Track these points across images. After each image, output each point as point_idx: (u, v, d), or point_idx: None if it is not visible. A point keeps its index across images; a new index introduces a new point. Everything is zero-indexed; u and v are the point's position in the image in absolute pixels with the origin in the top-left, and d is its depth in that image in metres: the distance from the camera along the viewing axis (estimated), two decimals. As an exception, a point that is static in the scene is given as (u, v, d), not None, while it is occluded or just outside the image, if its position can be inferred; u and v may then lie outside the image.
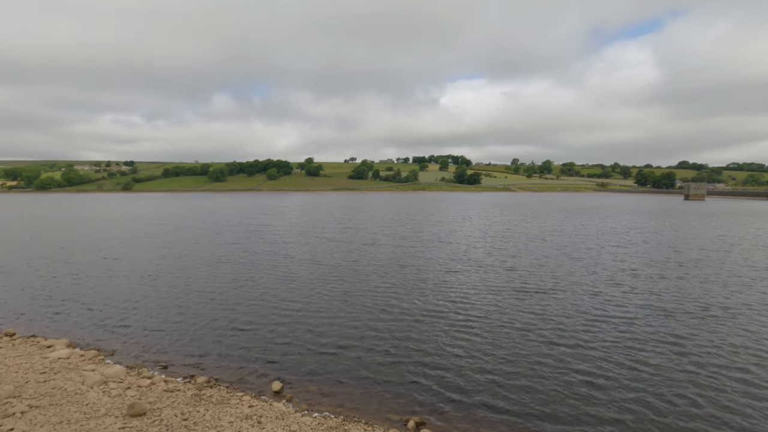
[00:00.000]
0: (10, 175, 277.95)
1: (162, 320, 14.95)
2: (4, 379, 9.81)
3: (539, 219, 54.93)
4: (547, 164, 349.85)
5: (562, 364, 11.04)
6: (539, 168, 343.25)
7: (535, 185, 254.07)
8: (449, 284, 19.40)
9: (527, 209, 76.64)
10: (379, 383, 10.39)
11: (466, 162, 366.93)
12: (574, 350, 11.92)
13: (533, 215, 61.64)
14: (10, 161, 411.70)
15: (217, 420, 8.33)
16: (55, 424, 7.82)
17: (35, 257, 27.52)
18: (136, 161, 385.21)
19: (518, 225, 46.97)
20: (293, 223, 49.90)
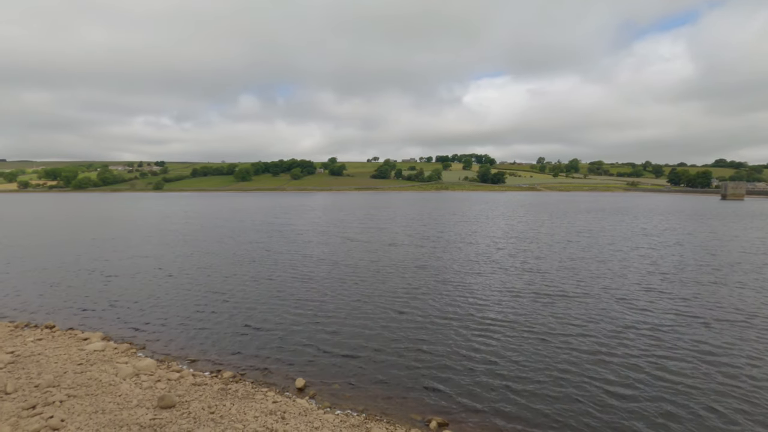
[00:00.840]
0: (51, 175, 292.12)
1: (189, 316, 15.42)
2: (45, 369, 10.34)
3: (565, 219, 53.61)
4: (575, 163, 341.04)
5: (585, 373, 10.68)
6: (566, 167, 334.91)
7: (561, 184, 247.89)
8: (470, 286, 19.10)
9: (553, 209, 74.90)
10: (401, 383, 10.40)
11: (490, 161, 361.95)
12: (598, 358, 11.50)
13: (559, 215, 60.20)
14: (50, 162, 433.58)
15: (242, 414, 8.53)
16: (91, 414, 8.18)
17: (73, 255, 28.87)
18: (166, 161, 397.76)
19: (543, 226, 45.97)
20: (315, 223, 50.46)
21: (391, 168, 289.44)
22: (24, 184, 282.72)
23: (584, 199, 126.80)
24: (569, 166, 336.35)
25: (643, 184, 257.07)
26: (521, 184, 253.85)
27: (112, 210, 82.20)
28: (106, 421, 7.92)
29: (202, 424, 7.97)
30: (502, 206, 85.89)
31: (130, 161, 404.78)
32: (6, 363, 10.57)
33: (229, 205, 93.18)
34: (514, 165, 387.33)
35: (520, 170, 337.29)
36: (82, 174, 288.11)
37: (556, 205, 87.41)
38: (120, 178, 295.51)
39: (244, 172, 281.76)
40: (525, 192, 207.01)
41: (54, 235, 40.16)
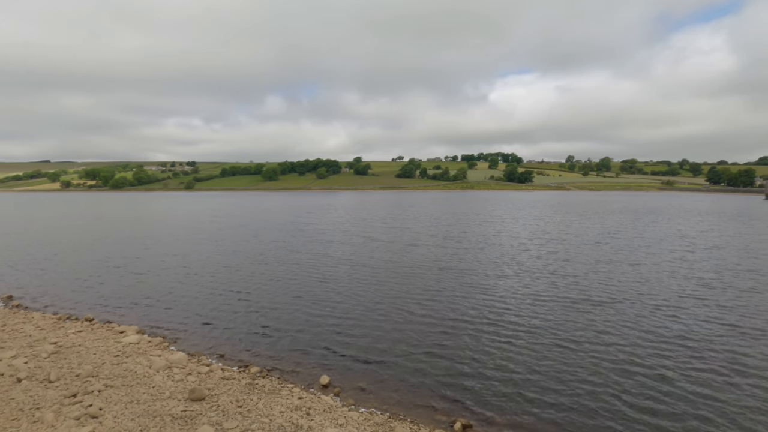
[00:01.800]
0: (90, 175, 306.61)
1: (217, 313, 15.87)
2: (85, 359, 10.87)
3: (595, 220, 51.98)
4: (606, 161, 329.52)
5: (612, 383, 10.16)
6: (597, 165, 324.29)
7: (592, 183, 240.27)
8: (494, 289, 18.59)
9: (582, 209, 72.71)
10: (425, 384, 10.37)
11: (517, 160, 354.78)
12: (625, 368, 10.92)
13: (588, 216, 58.36)
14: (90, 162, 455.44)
15: (269, 409, 8.71)
16: (127, 404, 8.55)
17: (109, 252, 30.22)
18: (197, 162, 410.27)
19: (571, 226, 44.68)
20: (338, 222, 50.88)
21: (415, 167, 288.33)
22: (66, 183, 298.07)
23: (616, 198, 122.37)
24: (600, 164, 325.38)
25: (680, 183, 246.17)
26: (549, 183, 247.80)
27: (146, 209, 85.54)
28: (140, 411, 8.25)
29: (231, 417, 8.19)
30: (529, 206, 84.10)
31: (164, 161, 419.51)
32: (50, 353, 11.18)
33: (255, 205, 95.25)
34: (542, 164, 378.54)
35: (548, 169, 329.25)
36: (119, 174, 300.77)
37: (586, 205, 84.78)
38: (154, 178, 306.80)
39: (271, 171, 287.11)
40: (553, 191, 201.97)
41: (93, 233, 42.14)
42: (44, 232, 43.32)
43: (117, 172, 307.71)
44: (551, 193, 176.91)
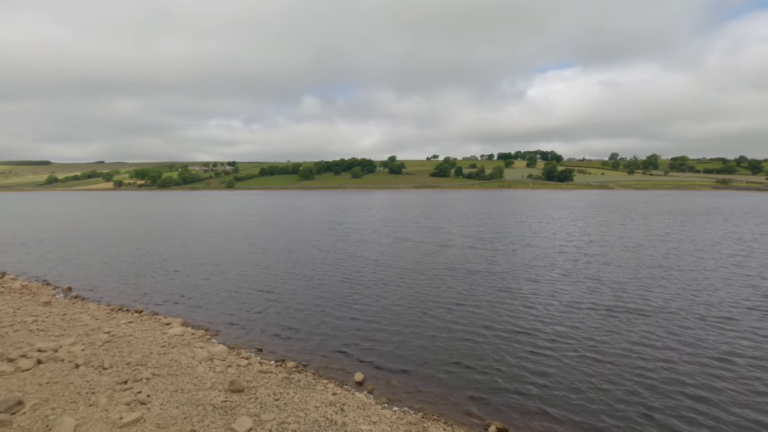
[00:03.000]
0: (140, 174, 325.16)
1: (255, 308, 16.41)
2: (135, 348, 11.54)
3: (640, 221, 49.38)
4: (653, 159, 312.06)
5: (646, 399, 9.53)
6: (643, 163, 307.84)
7: (637, 182, 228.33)
8: (527, 294, 17.83)
9: (626, 210, 69.24)
10: (459, 386, 10.26)
11: (557, 157, 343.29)
12: (663, 385, 10.24)
13: (634, 217, 55.51)
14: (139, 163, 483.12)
15: (304, 403, 8.91)
16: (172, 392, 9.00)
17: (157, 248, 31.92)
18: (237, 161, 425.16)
19: (614, 228, 42.58)
20: (369, 222, 51.15)
21: (450, 166, 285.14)
22: (118, 183, 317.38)
23: (665, 198, 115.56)
24: (647, 162, 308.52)
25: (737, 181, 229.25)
26: (591, 182, 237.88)
27: (189, 207, 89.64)
28: (184, 399, 8.66)
29: (268, 410, 8.44)
30: (568, 206, 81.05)
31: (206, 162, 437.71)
32: (104, 342, 11.95)
33: (291, 204, 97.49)
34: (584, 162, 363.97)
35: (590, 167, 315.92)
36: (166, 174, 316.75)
37: (631, 206, 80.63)
38: (197, 177, 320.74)
39: (307, 171, 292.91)
40: (595, 190, 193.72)
41: (141, 230, 44.66)
42: (99, 229, 46.36)
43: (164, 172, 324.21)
44: (593, 193, 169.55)
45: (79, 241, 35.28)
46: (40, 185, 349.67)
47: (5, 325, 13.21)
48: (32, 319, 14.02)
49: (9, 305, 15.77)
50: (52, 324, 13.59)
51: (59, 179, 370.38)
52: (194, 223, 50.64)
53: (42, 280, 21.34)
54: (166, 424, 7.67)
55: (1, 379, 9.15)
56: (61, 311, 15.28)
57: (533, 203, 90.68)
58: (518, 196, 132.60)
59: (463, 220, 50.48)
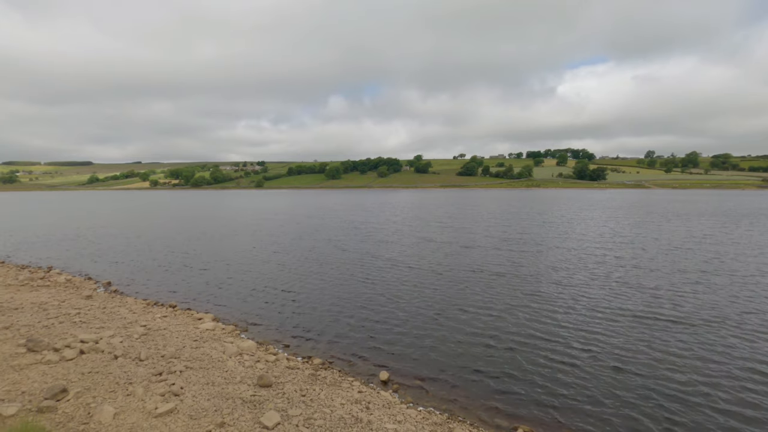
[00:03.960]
0: (174, 174, 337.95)
1: (284, 305, 16.72)
2: (169, 342, 11.98)
3: (678, 223, 47.12)
4: (693, 156, 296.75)
5: (683, 416, 8.97)
6: (681, 161, 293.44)
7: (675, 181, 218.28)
8: (552, 298, 17.24)
9: (663, 210, 66.25)
10: (485, 388, 10.13)
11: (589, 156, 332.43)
12: (696, 401, 9.78)
13: (670, 218, 53.03)
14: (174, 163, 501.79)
15: (330, 400, 9.01)
16: (203, 385, 9.29)
17: (189, 246, 33.06)
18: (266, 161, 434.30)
19: (649, 229, 40.78)
20: (393, 221, 51.11)
21: (477, 165, 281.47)
22: (154, 182, 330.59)
23: (706, 198, 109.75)
24: (686, 160, 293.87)
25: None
26: (625, 180, 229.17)
27: (220, 206, 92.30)
28: (215, 392, 8.93)
29: (295, 405, 8.59)
30: (600, 205, 78.37)
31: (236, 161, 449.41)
32: (140, 335, 12.48)
33: (317, 203, 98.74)
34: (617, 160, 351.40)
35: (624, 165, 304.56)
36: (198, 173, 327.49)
37: (668, 206, 77.15)
38: (228, 177, 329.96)
39: (334, 170, 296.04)
40: (630, 189, 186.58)
41: (175, 228, 46.34)
42: (136, 227, 48.46)
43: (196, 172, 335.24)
44: (627, 192, 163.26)
45: (118, 238, 36.98)
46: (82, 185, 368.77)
47: (51, 317, 14.00)
48: (75, 311, 14.80)
49: (55, 298, 16.71)
50: (93, 317, 14.30)
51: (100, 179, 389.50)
52: (224, 222, 52.15)
53: (84, 274, 22.49)
54: (198, 415, 7.93)
55: (48, 368, 9.71)
56: (101, 304, 16.06)
57: (563, 203, 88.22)
58: (547, 196, 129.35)
59: (489, 221, 49.67)
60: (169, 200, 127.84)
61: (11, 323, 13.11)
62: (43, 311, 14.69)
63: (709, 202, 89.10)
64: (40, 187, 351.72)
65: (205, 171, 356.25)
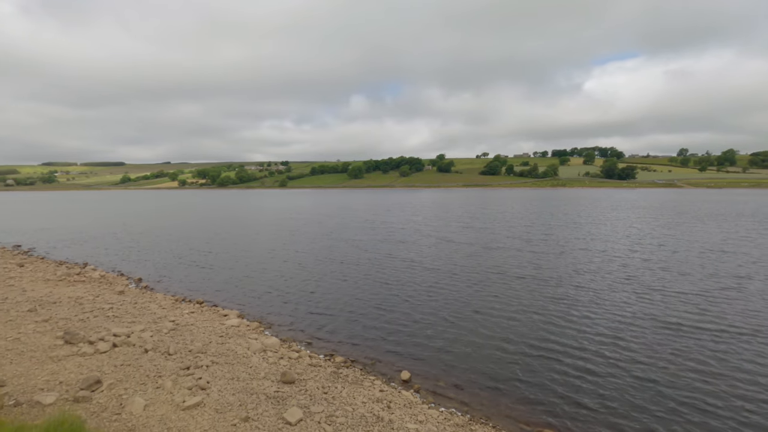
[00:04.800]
0: (201, 174, 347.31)
1: (306, 304, 16.95)
2: (196, 337, 12.33)
3: (713, 224, 45.10)
4: (729, 154, 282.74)
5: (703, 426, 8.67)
6: (717, 159, 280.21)
7: (711, 180, 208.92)
8: (576, 303, 16.86)
9: (696, 210, 63.48)
10: (507, 391, 9.98)
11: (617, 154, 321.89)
12: (733, 415, 9.36)
13: (704, 219, 50.80)
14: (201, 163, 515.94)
15: (351, 398, 9.08)
16: (229, 380, 9.52)
17: (214, 245, 33.89)
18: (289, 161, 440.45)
19: (680, 231, 39.14)
20: (414, 221, 50.90)
21: (501, 164, 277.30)
22: (182, 182, 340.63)
23: (744, 198, 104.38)
24: (722, 158, 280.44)
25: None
26: (656, 179, 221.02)
27: (245, 206, 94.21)
28: (240, 387, 9.14)
29: (317, 402, 8.69)
30: (628, 205, 75.86)
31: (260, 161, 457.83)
32: (169, 329, 12.88)
33: (339, 202, 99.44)
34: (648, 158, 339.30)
35: (655, 164, 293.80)
36: (224, 173, 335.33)
37: (702, 206, 73.91)
38: (253, 177, 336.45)
39: (356, 170, 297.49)
40: (661, 189, 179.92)
41: (202, 227, 47.62)
42: (165, 226, 50.04)
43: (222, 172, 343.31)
44: (658, 191, 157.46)
45: (149, 237, 38.31)
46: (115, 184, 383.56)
47: (87, 311, 14.64)
48: (109, 306, 15.42)
49: (90, 293, 17.45)
50: (125, 311, 14.86)
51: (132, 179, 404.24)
52: (248, 222, 53.25)
53: (117, 271, 23.39)
54: (224, 409, 8.13)
55: (83, 359, 10.16)
56: (132, 300, 16.67)
57: (589, 203, 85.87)
58: (573, 195, 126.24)
59: (512, 221, 48.87)
60: (196, 200, 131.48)
61: (50, 316, 13.78)
62: (79, 305, 15.37)
63: (747, 202, 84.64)
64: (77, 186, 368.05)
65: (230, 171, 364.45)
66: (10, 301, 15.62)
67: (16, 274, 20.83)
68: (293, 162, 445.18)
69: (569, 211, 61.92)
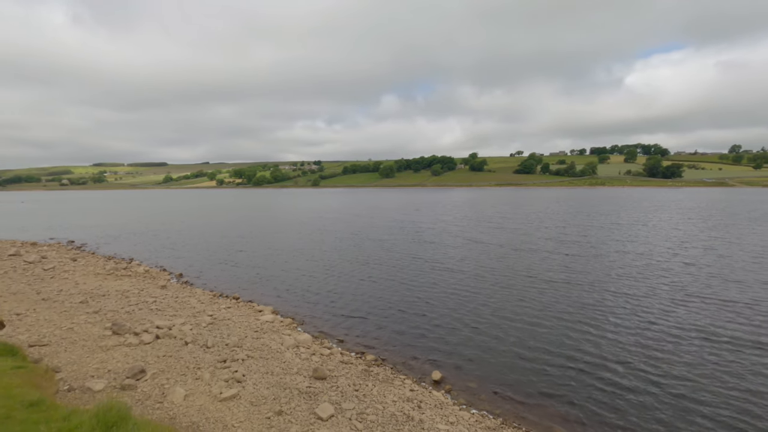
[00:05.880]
0: (238, 174, 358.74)
1: (338, 302, 17.18)
2: (233, 331, 12.75)
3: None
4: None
5: None
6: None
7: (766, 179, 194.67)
8: (612, 310, 16.13)
9: (750, 212, 59.27)
10: (541, 396, 9.72)
11: (662, 151, 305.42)
12: None
13: (759, 220, 47.42)
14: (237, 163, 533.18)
15: (382, 396, 9.11)
16: (263, 374, 9.78)
17: (250, 243, 34.91)
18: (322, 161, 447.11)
19: (731, 234, 36.62)
20: (442, 221, 50.34)
21: (536, 162, 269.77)
22: (220, 181, 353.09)
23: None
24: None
25: None
26: (705, 178, 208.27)
27: (278, 205, 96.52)
28: (273, 381, 9.37)
29: (348, 399, 8.78)
30: (673, 206, 71.82)
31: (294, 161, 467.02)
32: (208, 323, 13.39)
33: (370, 202, 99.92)
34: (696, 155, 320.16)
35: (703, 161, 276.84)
36: (260, 173, 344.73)
37: (757, 207, 68.79)
38: (286, 176, 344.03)
39: (387, 169, 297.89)
40: (710, 188, 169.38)
41: (237, 225, 49.16)
42: (204, 224, 52.07)
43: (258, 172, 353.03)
44: (707, 191, 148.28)
45: (189, 234, 39.99)
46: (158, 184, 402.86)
47: (132, 304, 15.45)
48: (152, 299, 16.21)
49: (135, 287, 18.40)
50: (167, 305, 15.58)
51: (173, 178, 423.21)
52: (281, 221, 54.57)
53: (160, 266, 24.54)
54: (258, 402, 8.37)
55: (129, 350, 10.73)
56: (174, 294, 17.44)
57: (630, 203, 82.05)
58: (613, 195, 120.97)
59: (546, 221, 47.45)
60: (233, 199, 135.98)
61: (100, 308, 14.65)
62: (125, 298, 16.25)
63: (808, 202, 78.26)
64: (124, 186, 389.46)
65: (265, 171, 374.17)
66: (65, 293, 16.73)
67: (70, 267, 22.27)
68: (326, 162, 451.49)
69: (607, 212, 59.32)
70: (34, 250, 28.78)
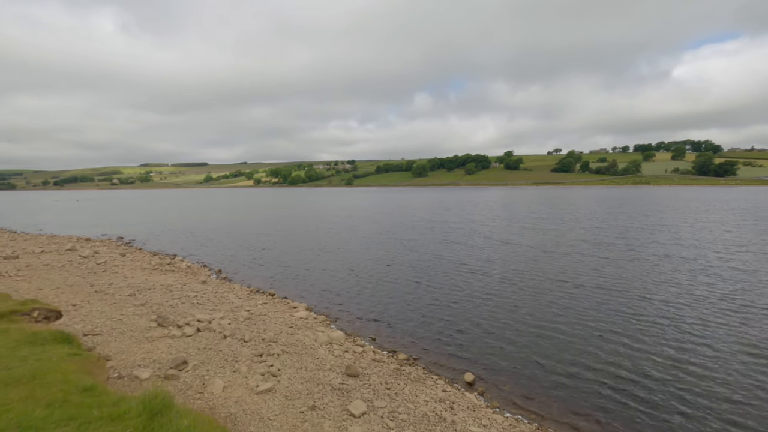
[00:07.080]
0: (274, 173, 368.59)
1: (371, 300, 17.30)
2: (268, 327, 13.11)
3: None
4: None
5: None
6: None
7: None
8: (651, 319, 15.36)
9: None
10: (577, 401, 9.39)
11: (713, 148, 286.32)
12: None
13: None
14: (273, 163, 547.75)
15: (414, 396, 9.10)
16: (297, 369, 10.00)
17: (285, 241, 35.75)
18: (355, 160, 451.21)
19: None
20: (472, 221, 49.45)
21: (575, 160, 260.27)
22: (257, 181, 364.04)
23: None
24: None
25: None
26: (763, 176, 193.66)
27: (313, 204, 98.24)
28: (307, 377, 9.56)
29: (380, 397, 8.83)
30: (726, 206, 67.07)
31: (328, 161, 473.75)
32: (245, 318, 13.84)
33: (402, 201, 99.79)
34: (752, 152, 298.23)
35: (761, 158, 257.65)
36: (295, 172, 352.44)
37: (824, 206, 63.24)
38: (321, 175, 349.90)
39: (420, 168, 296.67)
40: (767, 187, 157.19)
41: (274, 223, 50.48)
42: (242, 222, 53.84)
43: (293, 171, 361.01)
44: (764, 190, 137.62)
45: (228, 232, 41.48)
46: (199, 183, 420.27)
47: (176, 297, 16.21)
48: (194, 294, 16.94)
49: (178, 281, 19.29)
50: (207, 299, 16.23)
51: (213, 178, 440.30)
52: (315, 220, 55.56)
53: (201, 262, 25.60)
54: (293, 396, 8.57)
55: (173, 341, 11.27)
56: (213, 289, 18.15)
57: (677, 203, 77.44)
58: (659, 195, 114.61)
59: (583, 222, 45.62)
60: (269, 198, 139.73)
61: (146, 301, 15.47)
62: (169, 292, 17.07)
63: None
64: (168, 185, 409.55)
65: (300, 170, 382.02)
66: (115, 286, 17.79)
67: (119, 262, 23.65)
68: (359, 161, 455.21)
69: (651, 212, 56.16)
70: (88, 245, 30.78)
